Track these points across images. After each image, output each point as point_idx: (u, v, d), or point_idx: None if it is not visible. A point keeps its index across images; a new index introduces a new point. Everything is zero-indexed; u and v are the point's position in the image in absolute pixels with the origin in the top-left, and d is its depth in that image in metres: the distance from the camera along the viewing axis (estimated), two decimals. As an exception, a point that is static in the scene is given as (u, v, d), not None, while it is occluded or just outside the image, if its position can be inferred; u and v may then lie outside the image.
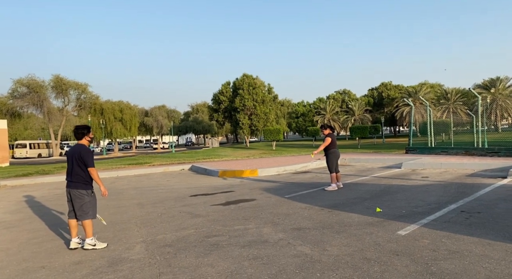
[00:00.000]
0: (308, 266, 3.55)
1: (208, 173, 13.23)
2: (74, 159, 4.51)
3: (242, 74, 45.56)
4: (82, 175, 4.51)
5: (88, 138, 4.71)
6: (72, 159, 4.55)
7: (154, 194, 8.82)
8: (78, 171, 4.50)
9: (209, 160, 20.06)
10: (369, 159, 14.81)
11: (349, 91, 66.96)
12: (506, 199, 6.15)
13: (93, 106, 44.14)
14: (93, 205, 4.63)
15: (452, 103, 45.37)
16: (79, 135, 4.65)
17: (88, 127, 4.79)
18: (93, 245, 4.49)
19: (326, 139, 8.16)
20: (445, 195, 6.76)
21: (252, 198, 7.58)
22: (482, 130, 15.12)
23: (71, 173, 4.54)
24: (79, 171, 4.50)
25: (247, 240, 4.55)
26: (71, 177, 4.54)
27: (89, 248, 4.47)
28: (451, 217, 5.13)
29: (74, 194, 4.50)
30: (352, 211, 5.83)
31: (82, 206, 4.50)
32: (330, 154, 8.16)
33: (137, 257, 4.14)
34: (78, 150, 4.52)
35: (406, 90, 55.60)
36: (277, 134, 34.39)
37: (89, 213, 4.55)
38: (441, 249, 3.81)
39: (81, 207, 4.50)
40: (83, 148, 4.55)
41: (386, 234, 4.48)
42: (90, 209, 4.57)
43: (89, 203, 4.56)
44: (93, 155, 4.62)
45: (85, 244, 4.51)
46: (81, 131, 4.66)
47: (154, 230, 5.30)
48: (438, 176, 9.41)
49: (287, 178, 10.88)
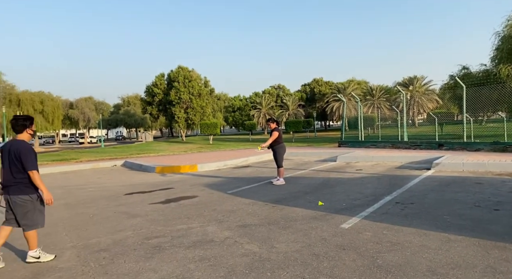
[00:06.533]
0: (257, 265, 3.45)
1: (144, 169, 12.58)
2: (11, 158, 3.74)
3: (177, 66, 44.16)
4: (21, 177, 3.75)
5: (30, 131, 3.92)
6: (8, 158, 3.77)
7: (84, 193, 8.12)
8: (16, 173, 3.73)
9: (144, 155, 19.17)
10: (305, 152, 15.23)
11: (283, 86, 68.53)
12: (434, 190, 6.64)
13: (8, 97, 39.68)
14: (40, 210, 3.91)
15: (376, 99, 48.64)
16: (19, 127, 3.84)
17: (31, 118, 3.96)
18: (37, 258, 3.83)
19: (274, 133, 8.15)
20: (379, 187, 7.13)
21: (194, 195, 7.31)
22: (404, 124, 16.35)
23: (8, 175, 3.76)
24: (17, 172, 3.73)
25: (192, 240, 4.33)
26: (7, 180, 3.76)
27: (32, 261, 3.82)
28: (388, 208, 5.39)
29: (14, 201, 3.74)
30: (296, 206, 5.87)
31: (26, 215, 3.78)
32: (279, 148, 8.18)
33: (67, 265, 3.71)
34: (16, 147, 3.74)
35: (336, 86, 58.39)
36: (214, 128, 34.03)
37: (35, 223, 3.86)
38: (384, 241, 3.95)
39: (25, 216, 3.78)
40: (22, 146, 3.76)
41: (330, 228, 4.55)
42: (37, 217, 3.87)
43: (34, 210, 3.84)
44: (35, 154, 3.84)
45: (28, 257, 3.85)
46: (21, 122, 3.84)
47: (86, 234, 4.83)
48: (371, 169, 9.95)
49: (228, 172, 10.74)
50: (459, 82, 13.54)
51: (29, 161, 3.73)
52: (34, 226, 3.86)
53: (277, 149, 8.19)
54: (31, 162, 3.74)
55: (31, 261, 3.84)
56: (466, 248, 3.60)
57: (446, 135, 19.66)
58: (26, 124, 3.88)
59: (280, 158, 8.18)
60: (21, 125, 3.85)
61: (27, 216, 3.80)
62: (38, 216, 3.90)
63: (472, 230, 4.15)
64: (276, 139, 8.16)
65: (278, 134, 8.16)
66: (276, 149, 8.20)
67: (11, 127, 3.92)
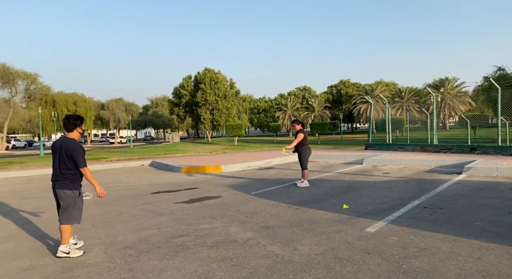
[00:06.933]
0: (280, 267, 3.42)
1: (170, 169, 12.81)
2: (61, 155, 3.94)
3: (204, 68, 44.87)
4: (69, 173, 3.96)
5: (80, 130, 4.13)
6: (59, 154, 3.97)
7: (113, 191, 8.34)
8: (64, 169, 3.95)
9: (170, 155, 19.52)
10: (331, 155, 15.04)
11: (309, 88, 68.07)
12: (465, 195, 6.39)
13: (44, 98, 41.62)
14: (79, 207, 4.09)
15: (405, 101, 47.46)
16: (70, 126, 4.04)
17: (81, 117, 4.18)
18: (67, 253, 3.96)
19: (299, 135, 8.11)
20: (407, 191, 6.93)
21: (218, 195, 7.37)
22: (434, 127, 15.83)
23: (57, 170, 3.99)
24: (66, 168, 3.95)
25: (215, 240, 4.36)
26: (56, 175, 4.00)
27: (62, 256, 3.95)
28: (415, 213, 5.23)
29: (59, 195, 3.97)
30: (320, 208, 5.80)
31: (67, 209, 4.00)
32: (304, 150, 8.13)
33: (94, 261, 3.81)
34: (66, 145, 3.93)
35: (363, 88, 57.42)
36: (239, 130, 34.25)
37: (73, 218, 4.03)
38: (410, 246, 3.83)
39: (66, 210, 4.00)
40: (72, 143, 3.96)
41: (355, 231, 4.46)
42: (75, 213, 4.04)
43: (75, 206, 4.03)
44: (84, 152, 4.06)
45: (58, 252, 3.97)
46: (73, 121, 4.05)
47: (113, 231, 4.96)
48: (399, 172, 9.70)
49: (252, 174, 10.76)
50: (493, 83, 12.98)
51: (81, 159, 3.95)
52: (70, 221, 4.03)
53: (302, 151, 8.13)
54: (83, 160, 3.97)
55: (61, 256, 3.96)
56: (499, 257, 3.43)
57: (479, 139, 18.88)
58: (77, 123, 4.10)
59: (305, 160, 8.11)
60: (72, 124, 4.06)
61: (68, 210, 4.01)
62: (77, 212, 4.07)
63: (505, 238, 3.95)
64: (301, 141, 8.10)
65: (303, 136, 8.10)
66: (301, 151, 8.14)
67: (63, 125, 4.17)
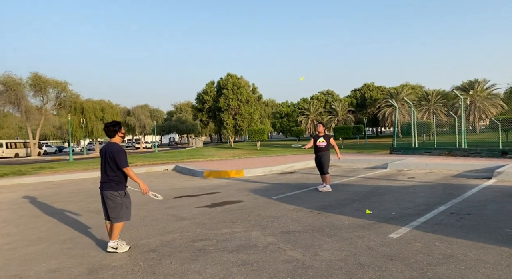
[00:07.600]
0: (300, 272, 3.40)
1: (193, 173, 12.97)
2: (107, 159, 4.31)
3: (227, 74, 45.32)
4: (113, 175, 4.30)
5: (121, 134, 4.48)
6: (104, 159, 4.35)
7: (137, 196, 8.49)
8: (109, 171, 4.30)
9: (193, 160, 19.76)
10: (354, 159, 14.81)
11: (332, 92, 67.39)
12: (495, 201, 6.15)
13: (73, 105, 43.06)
14: (126, 206, 4.41)
15: (432, 104, 46.17)
16: (111, 133, 4.40)
17: (119, 123, 4.52)
18: (114, 248, 4.30)
19: (332, 139, 8.11)
20: (433, 196, 6.74)
21: (239, 199, 7.40)
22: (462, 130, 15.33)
23: (103, 173, 4.35)
24: (110, 171, 4.30)
25: (235, 244, 4.37)
26: (103, 177, 4.36)
27: (111, 251, 4.30)
28: (441, 219, 5.07)
29: (106, 196, 4.31)
30: (342, 213, 5.72)
31: (115, 208, 4.30)
32: (326, 154, 8.06)
33: (118, 263, 3.91)
34: (110, 149, 4.29)
35: (388, 91, 56.34)
36: (262, 134, 34.29)
37: (121, 216, 4.34)
38: (435, 253, 3.72)
39: (114, 209, 4.30)
40: (115, 147, 4.30)
41: (378, 237, 4.37)
42: (123, 211, 4.36)
43: (122, 205, 4.35)
44: (125, 154, 4.37)
45: (108, 247, 4.33)
46: (112, 128, 4.39)
47: (137, 234, 5.06)
48: (424, 177, 9.43)
49: (274, 178, 10.74)
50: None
51: (122, 160, 4.27)
52: (120, 219, 4.33)
53: (323, 155, 8.04)
54: (124, 161, 4.28)
55: (110, 251, 4.29)
56: (530, 265, 3.28)
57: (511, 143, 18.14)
58: (117, 129, 4.42)
59: (326, 165, 8.03)
60: (112, 130, 4.40)
61: (116, 210, 4.31)
62: (125, 210, 4.38)
63: (538, 246, 3.78)
64: (326, 146, 8.04)
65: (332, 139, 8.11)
66: (322, 155, 8.05)
67: (105, 133, 4.51)
